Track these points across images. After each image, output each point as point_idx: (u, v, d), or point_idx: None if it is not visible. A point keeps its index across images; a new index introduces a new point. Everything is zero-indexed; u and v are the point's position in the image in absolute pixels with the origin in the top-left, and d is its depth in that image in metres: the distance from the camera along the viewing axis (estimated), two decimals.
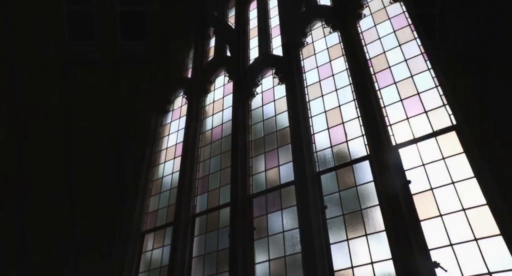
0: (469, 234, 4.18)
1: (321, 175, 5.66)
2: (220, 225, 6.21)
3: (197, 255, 6.22)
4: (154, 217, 7.21)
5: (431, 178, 4.76)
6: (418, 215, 4.61)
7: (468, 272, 4.01)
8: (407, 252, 4.34)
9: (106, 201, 7.74)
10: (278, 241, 5.50)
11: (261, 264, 5.46)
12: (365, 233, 4.89)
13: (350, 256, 4.84)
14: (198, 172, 7.19)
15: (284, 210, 5.70)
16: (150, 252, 6.82)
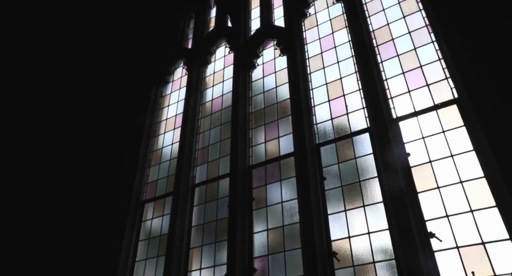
0: (465, 205, 4.24)
1: (321, 147, 5.68)
2: (219, 195, 6.28)
3: (196, 224, 6.31)
4: (154, 187, 7.28)
5: (430, 151, 4.79)
6: (416, 187, 4.67)
7: (462, 242, 4.09)
8: (404, 222, 4.41)
9: (106, 171, 7.78)
10: (276, 211, 5.57)
11: (260, 233, 5.54)
12: (362, 204, 4.95)
13: (348, 227, 4.91)
14: (198, 143, 7.21)
15: (283, 181, 5.75)
16: (150, 221, 6.91)
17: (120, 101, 8.79)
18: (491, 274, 3.82)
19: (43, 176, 8.08)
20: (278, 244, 5.32)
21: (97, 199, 7.42)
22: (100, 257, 6.64)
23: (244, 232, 5.59)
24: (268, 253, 5.32)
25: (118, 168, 7.59)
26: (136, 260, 6.57)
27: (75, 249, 7.01)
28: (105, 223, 7.03)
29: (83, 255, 6.87)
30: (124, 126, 8.24)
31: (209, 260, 5.80)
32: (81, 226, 7.31)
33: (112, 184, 7.45)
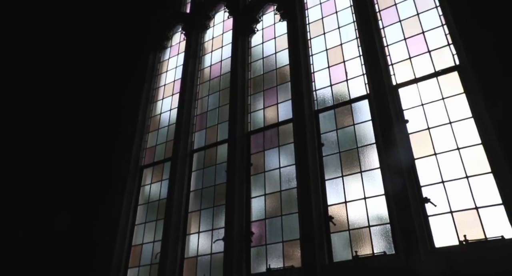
0: (461, 172, 4.28)
1: (319, 114, 5.68)
2: (217, 161, 6.32)
3: (194, 189, 6.38)
4: (152, 152, 7.31)
5: (429, 118, 4.79)
6: (413, 154, 4.70)
7: (456, 207, 4.17)
8: (400, 188, 4.47)
9: (104, 136, 7.79)
10: (274, 177, 5.63)
11: (257, 198, 5.62)
12: (360, 170, 5.00)
13: (344, 192, 4.98)
14: (196, 109, 7.19)
15: (281, 147, 5.78)
16: (149, 186, 6.99)
17: (117, 67, 8.69)
18: (482, 237, 3.91)
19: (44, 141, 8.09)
20: (275, 208, 5.40)
21: (97, 165, 7.47)
22: (101, 220, 6.74)
23: (242, 197, 5.67)
24: (265, 218, 5.41)
25: (117, 134, 7.59)
26: (136, 224, 6.68)
27: (76, 212, 7.11)
28: (104, 188, 7.10)
29: (83, 218, 6.98)
30: (122, 92, 8.19)
31: (207, 224, 5.91)
32: (81, 190, 7.38)
33: (111, 150, 7.48)
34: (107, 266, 6.21)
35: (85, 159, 7.75)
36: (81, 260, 6.47)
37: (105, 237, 6.52)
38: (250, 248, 5.32)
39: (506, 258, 3.62)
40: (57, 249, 6.79)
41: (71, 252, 6.66)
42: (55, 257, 6.71)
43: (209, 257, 5.61)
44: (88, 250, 6.54)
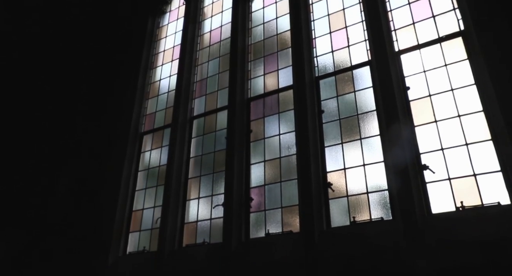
0: (461, 139, 4.27)
1: (320, 80, 5.61)
2: (217, 127, 6.31)
3: (194, 155, 6.40)
4: (152, 119, 7.29)
5: (431, 84, 4.74)
6: (414, 121, 4.67)
7: (454, 174, 4.18)
8: (399, 155, 4.47)
9: (104, 102, 7.75)
10: (273, 143, 5.63)
11: (257, 164, 5.64)
12: (359, 138, 4.99)
13: (343, 159, 4.99)
14: (196, 75, 7.11)
15: (281, 114, 5.75)
16: (149, 152, 7.01)
17: (116, 32, 8.53)
18: (479, 203, 3.94)
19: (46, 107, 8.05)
20: (274, 175, 5.43)
21: (97, 131, 7.46)
22: (102, 185, 6.80)
23: (242, 164, 5.69)
24: (265, 184, 5.45)
25: (116, 100, 7.54)
26: (136, 190, 6.75)
27: (77, 178, 7.17)
28: (105, 154, 7.12)
29: (84, 183, 7.04)
30: (121, 58, 8.07)
31: (207, 190, 5.96)
32: (82, 156, 7.41)
33: (111, 116, 7.45)
34: (109, 231, 6.32)
35: (86, 125, 7.73)
36: (83, 225, 6.58)
37: (106, 202, 6.60)
38: (249, 213, 5.38)
39: (501, 223, 3.66)
40: (59, 213, 6.89)
41: (73, 217, 6.76)
42: (57, 221, 6.82)
43: (209, 222, 5.69)
44: (89, 215, 6.63)
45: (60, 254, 6.50)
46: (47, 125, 7.81)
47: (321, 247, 4.49)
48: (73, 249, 6.43)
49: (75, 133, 7.68)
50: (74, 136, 7.63)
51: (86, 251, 6.34)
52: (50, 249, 6.61)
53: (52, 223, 6.85)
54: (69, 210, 6.88)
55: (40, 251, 6.66)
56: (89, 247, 6.33)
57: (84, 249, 6.36)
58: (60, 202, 7.05)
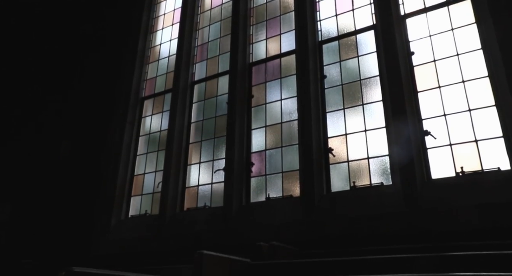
0: (464, 105, 4.24)
1: (323, 45, 5.52)
2: (218, 92, 6.26)
3: (195, 120, 6.39)
4: (152, 83, 7.23)
5: (436, 49, 4.66)
6: (417, 87, 4.63)
7: (456, 140, 4.17)
8: (401, 121, 4.45)
9: (105, 67, 7.65)
10: (275, 108, 5.60)
11: (258, 130, 5.63)
12: (361, 103, 4.95)
13: (345, 124, 4.97)
14: (197, 39, 6.99)
15: (283, 79, 5.69)
16: (150, 117, 6.99)
17: None
18: (479, 168, 3.96)
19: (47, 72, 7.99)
20: (275, 140, 5.44)
21: (98, 95, 7.41)
22: (103, 149, 6.83)
23: (243, 129, 5.68)
24: (266, 149, 5.46)
25: (117, 65, 7.45)
26: (138, 154, 6.78)
27: (78, 142, 7.18)
28: (106, 119, 7.10)
29: (86, 148, 7.06)
30: (121, 21, 7.91)
31: (208, 155, 5.98)
32: (83, 120, 7.39)
33: (112, 81, 7.37)
34: (111, 194, 6.39)
35: (86, 89, 7.67)
36: (86, 189, 6.65)
37: (108, 166, 6.64)
38: (250, 178, 5.42)
39: (500, 188, 3.68)
40: (63, 177, 6.95)
41: (76, 181, 6.82)
42: (61, 185, 6.89)
43: (210, 186, 5.74)
44: (92, 179, 6.69)
45: (63, 216, 6.60)
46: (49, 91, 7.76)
47: (321, 210, 4.55)
48: (75, 212, 6.53)
49: (76, 95, 7.63)
50: (75, 100, 7.59)
51: (88, 214, 6.44)
52: (53, 211, 6.71)
53: (55, 186, 6.92)
54: (72, 173, 6.93)
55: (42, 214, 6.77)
56: (91, 210, 6.43)
57: (86, 212, 6.45)
58: (62, 165, 7.10)
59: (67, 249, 6.19)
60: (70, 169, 6.96)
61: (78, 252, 5.99)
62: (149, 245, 5.62)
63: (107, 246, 6.00)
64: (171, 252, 5.26)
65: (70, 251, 6.16)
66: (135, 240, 5.76)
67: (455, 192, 3.92)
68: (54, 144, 7.25)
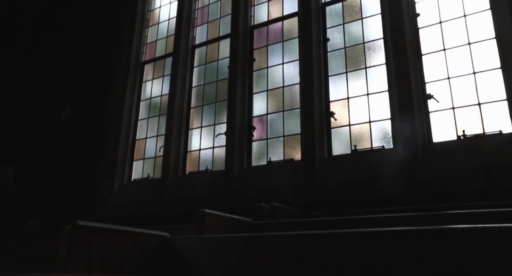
0: (469, 68, 4.18)
1: (326, 7, 5.39)
2: (219, 56, 6.18)
3: (196, 85, 6.34)
4: (153, 48, 7.12)
5: (442, 11, 4.54)
6: (421, 49, 4.55)
7: (459, 104, 4.14)
8: (403, 84, 4.40)
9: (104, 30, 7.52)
10: (277, 72, 5.54)
11: (259, 94, 5.59)
12: (364, 66, 4.89)
13: (347, 88, 4.93)
14: (197, 1, 6.83)
15: (285, 42, 5.60)
16: (151, 82, 6.93)
17: None
18: (481, 132, 3.95)
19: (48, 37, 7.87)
20: (277, 104, 5.41)
21: (97, 60, 7.32)
22: (104, 114, 6.82)
23: (244, 93, 5.64)
24: (267, 113, 5.44)
25: (116, 27, 7.32)
26: (139, 119, 6.77)
27: (80, 106, 7.16)
28: (106, 84, 7.05)
29: (87, 112, 7.05)
30: None
31: (209, 119, 5.97)
32: (84, 85, 7.33)
33: (111, 45, 7.27)
34: (113, 158, 6.43)
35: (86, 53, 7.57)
36: (88, 153, 6.69)
37: (110, 131, 6.65)
38: (251, 142, 5.44)
39: (502, 151, 3.69)
40: (65, 141, 6.98)
41: (78, 145, 6.85)
42: (64, 149, 6.93)
43: (211, 151, 5.77)
44: (94, 143, 6.72)
45: (66, 180, 6.68)
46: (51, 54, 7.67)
47: (322, 173, 4.59)
48: (79, 176, 6.59)
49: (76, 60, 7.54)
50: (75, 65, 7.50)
51: (91, 178, 6.51)
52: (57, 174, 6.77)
53: (58, 150, 6.96)
54: (74, 138, 6.95)
55: (46, 178, 6.84)
56: (93, 174, 6.49)
57: (89, 176, 6.52)
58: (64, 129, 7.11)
59: (71, 212, 6.29)
60: (72, 133, 6.97)
61: (82, 214, 6.09)
62: (151, 208, 5.71)
63: (111, 208, 6.10)
64: (173, 214, 5.34)
65: (74, 214, 6.26)
66: (138, 203, 5.85)
67: (456, 155, 3.93)
68: (56, 109, 7.23)
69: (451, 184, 3.78)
